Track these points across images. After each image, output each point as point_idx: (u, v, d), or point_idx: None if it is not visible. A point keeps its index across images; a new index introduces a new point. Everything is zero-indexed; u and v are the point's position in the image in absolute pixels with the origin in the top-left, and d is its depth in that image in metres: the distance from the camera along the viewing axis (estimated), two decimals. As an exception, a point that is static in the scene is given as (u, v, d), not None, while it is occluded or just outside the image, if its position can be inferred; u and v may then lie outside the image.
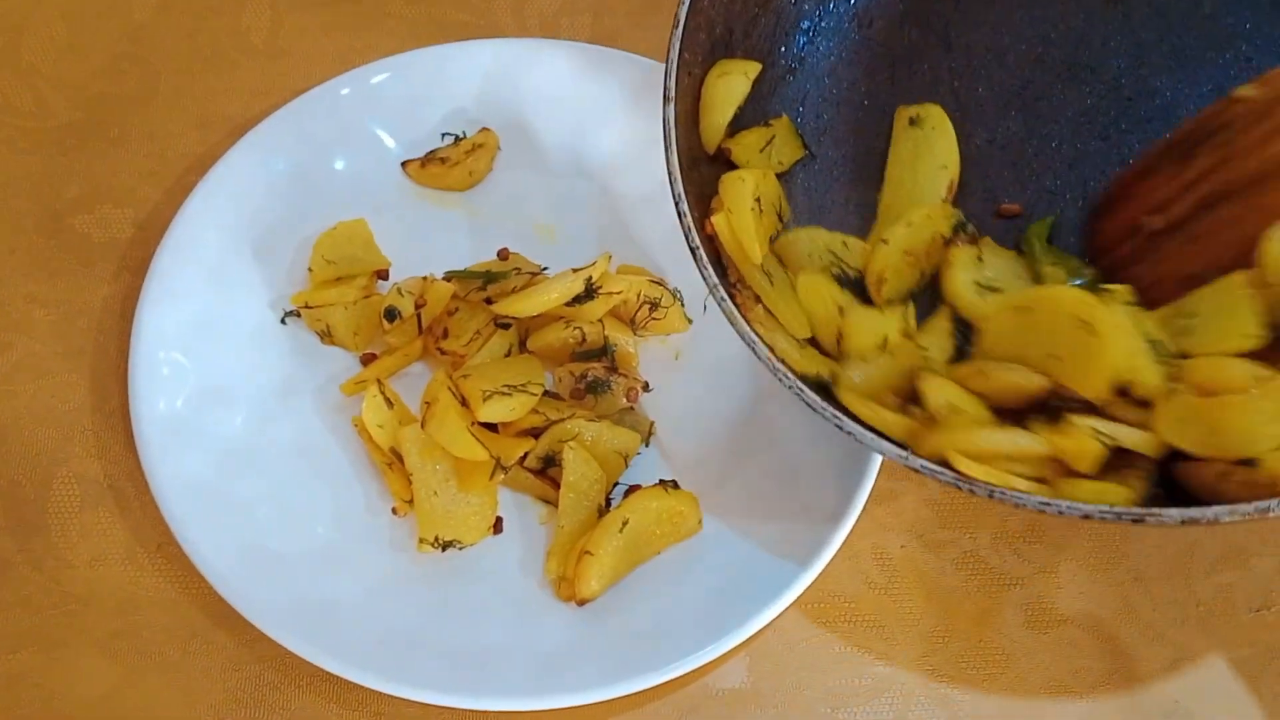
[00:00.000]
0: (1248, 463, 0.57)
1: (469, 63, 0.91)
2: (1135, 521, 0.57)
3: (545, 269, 0.85)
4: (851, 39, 0.80)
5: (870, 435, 0.63)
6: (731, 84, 0.74)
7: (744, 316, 0.66)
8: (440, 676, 0.71)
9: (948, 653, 0.77)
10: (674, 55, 0.70)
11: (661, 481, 0.78)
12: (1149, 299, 0.64)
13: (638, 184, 0.88)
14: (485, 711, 0.72)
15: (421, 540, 0.76)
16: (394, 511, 0.78)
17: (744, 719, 0.75)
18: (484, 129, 0.90)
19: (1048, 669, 0.77)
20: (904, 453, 0.62)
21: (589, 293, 0.79)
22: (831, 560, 0.74)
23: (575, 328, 0.81)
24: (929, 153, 0.76)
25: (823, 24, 0.79)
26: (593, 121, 0.90)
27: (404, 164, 0.90)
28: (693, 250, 0.68)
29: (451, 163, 0.89)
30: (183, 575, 0.78)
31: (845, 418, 0.63)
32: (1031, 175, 0.76)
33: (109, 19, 0.98)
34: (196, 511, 0.75)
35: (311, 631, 0.72)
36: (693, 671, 0.72)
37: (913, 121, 0.77)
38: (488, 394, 0.75)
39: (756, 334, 0.65)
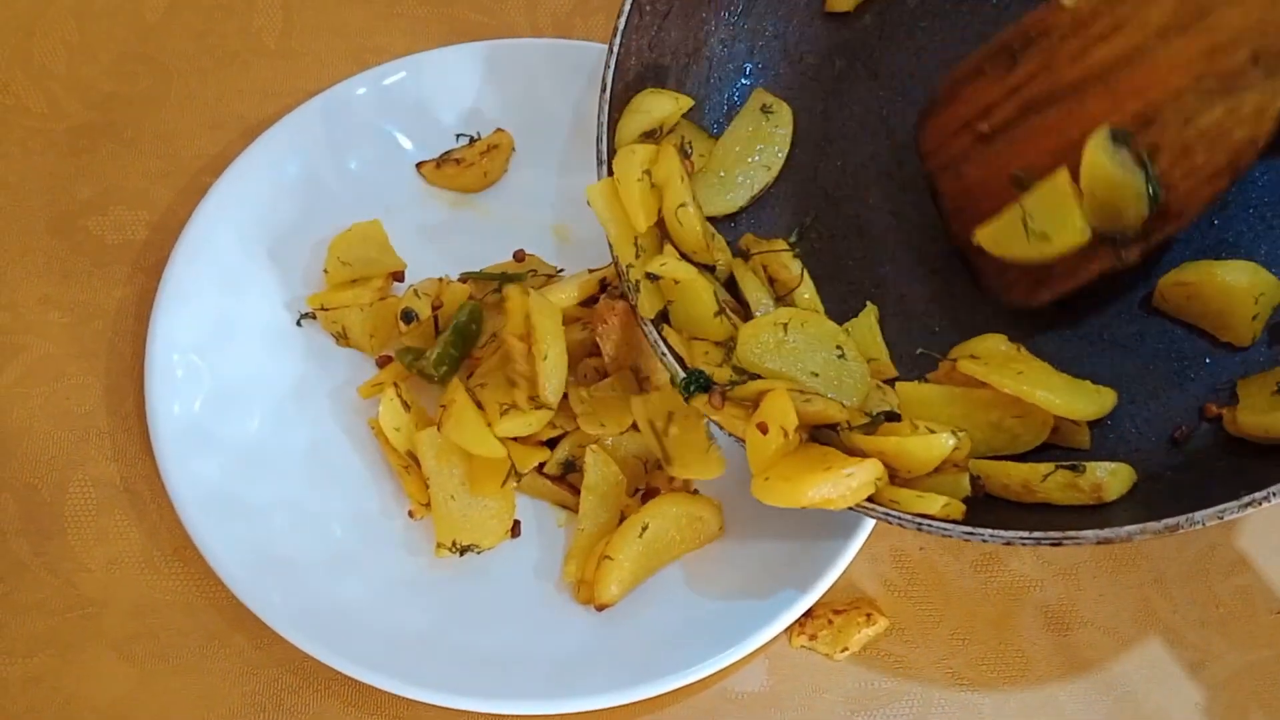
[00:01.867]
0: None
1: (483, 63, 0.90)
2: (1055, 544, 0.60)
3: (561, 270, 0.85)
4: (784, 75, 0.80)
5: None
6: (658, 100, 0.74)
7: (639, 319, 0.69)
8: (457, 679, 0.71)
9: (968, 655, 0.77)
10: (604, 118, 0.72)
11: (684, 484, 0.77)
12: (976, 196, 0.68)
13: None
14: (502, 715, 0.72)
15: (439, 545, 0.76)
16: (410, 515, 0.78)
17: (763, 722, 0.75)
18: (498, 129, 0.90)
19: (1068, 671, 0.76)
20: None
21: (605, 293, 0.79)
22: (851, 563, 0.73)
23: (591, 328, 0.80)
24: (762, 142, 0.78)
25: (757, 64, 0.80)
26: (607, 122, 0.90)
27: (419, 165, 0.89)
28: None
29: (466, 163, 0.88)
30: (199, 578, 0.77)
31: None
32: None
33: (120, 20, 0.98)
34: (213, 515, 0.75)
35: (328, 635, 0.71)
36: (711, 675, 0.72)
37: (765, 109, 0.79)
38: (505, 408, 0.74)
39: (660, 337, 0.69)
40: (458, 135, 0.90)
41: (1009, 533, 0.61)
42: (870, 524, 0.74)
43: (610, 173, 0.71)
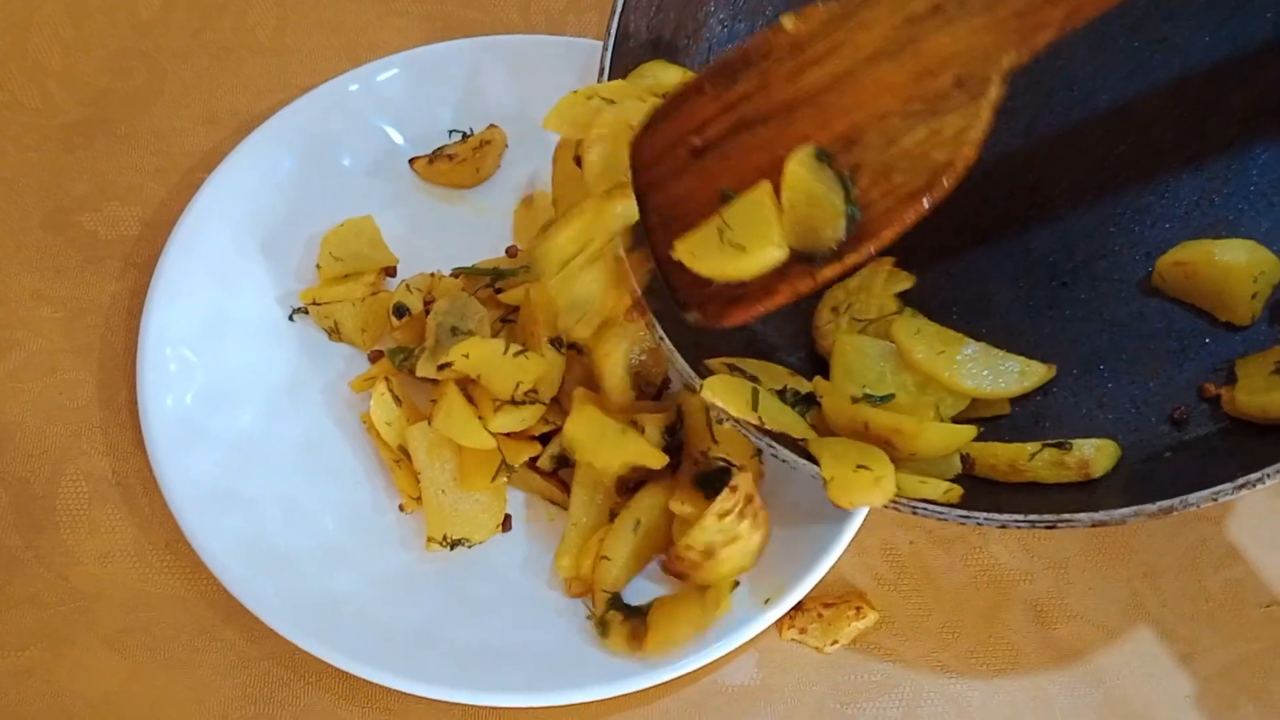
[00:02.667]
0: None
1: (476, 60, 0.91)
2: (1049, 527, 0.59)
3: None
4: None
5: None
6: (666, 71, 0.74)
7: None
8: (448, 672, 0.71)
9: (957, 648, 0.77)
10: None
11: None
12: (681, 210, 0.66)
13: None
14: (493, 707, 0.72)
15: (430, 539, 0.76)
16: (402, 509, 0.78)
17: (752, 715, 0.75)
18: (491, 125, 0.90)
19: (1057, 664, 0.77)
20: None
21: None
22: (840, 556, 0.74)
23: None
24: None
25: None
26: (600, 118, 0.90)
27: (411, 161, 0.89)
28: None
29: (459, 159, 0.89)
30: (191, 572, 0.78)
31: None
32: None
33: (115, 16, 0.98)
34: (205, 508, 0.75)
35: (320, 628, 0.72)
36: (702, 668, 0.72)
37: None
38: (498, 404, 0.75)
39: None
40: (450, 131, 0.90)
41: (1004, 515, 0.61)
42: (860, 517, 0.74)
43: None
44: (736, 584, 0.74)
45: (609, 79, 0.72)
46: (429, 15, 0.98)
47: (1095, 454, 0.65)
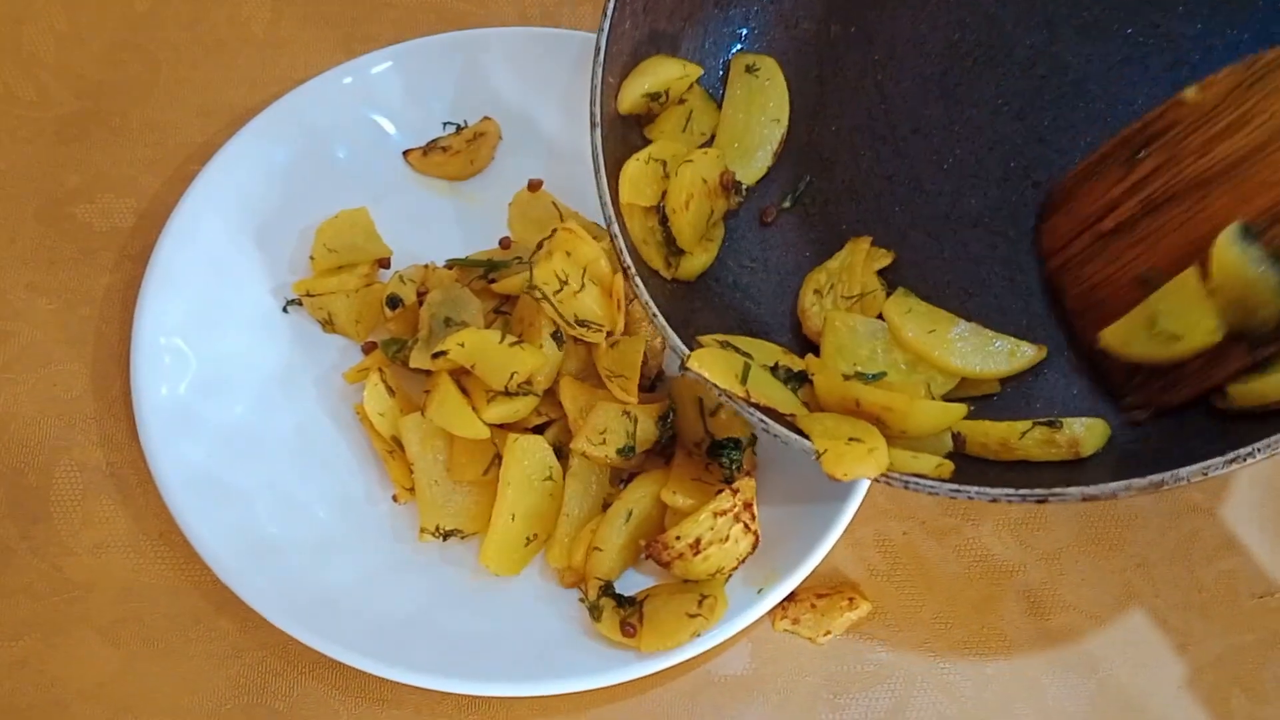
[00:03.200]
0: None
1: (470, 52, 0.90)
2: (1040, 501, 0.59)
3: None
4: (780, 41, 0.80)
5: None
6: (665, 66, 0.75)
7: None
8: (441, 662, 0.71)
9: (950, 639, 0.77)
10: (598, 80, 0.72)
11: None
12: (1099, 297, 0.68)
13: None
14: (486, 697, 0.73)
15: (423, 530, 0.76)
16: (395, 499, 0.78)
17: (746, 705, 0.75)
18: (485, 118, 0.90)
19: (1050, 655, 0.77)
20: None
21: None
22: (834, 547, 0.74)
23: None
24: (761, 99, 0.79)
25: (752, 29, 0.80)
26: (593, 110, 0.90)
27: (405, 153, 0.90)
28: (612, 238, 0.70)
29: (453, 151, 0.89)
30: (185, 562, 0.78)
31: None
32: (954, 161, 0.77)
33: (109, 8, 0.98)
34: (198, 499, 0.75)
35: (313, 618, 0.72)
36: (695, 658, 0.72)
37: (749, 69, 0.79)
38: (491, 395, 0.75)
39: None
40: (444, 123, 0.90)
41: (996, 489, 0.60)
42: (853, 508, 0.74)
43: (603, 135, 0.72)
44: (729, 576, 0.74)
45: (604, 61, 0.72)
46: (423, 7, 0.99)
47: (1085, 432, 0.65)
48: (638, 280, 0.69)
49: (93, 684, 0.75)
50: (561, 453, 0.78)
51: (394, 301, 0.81)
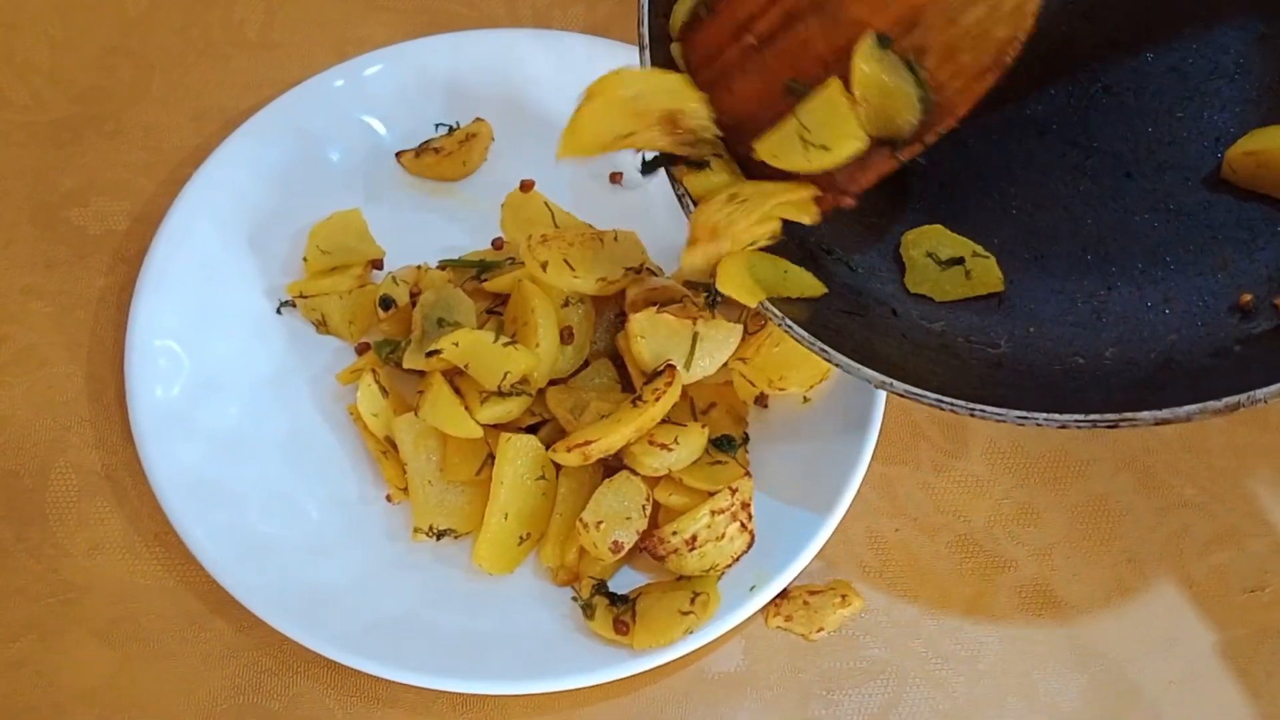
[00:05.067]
0: None
1: (462, 53, 0.91)
2: (1111, 426, 0.58)
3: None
4: None
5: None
6: None
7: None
8: (436, 660, 0.71)
9: (942, 635, 0.77)
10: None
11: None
12: (751, 109, 0.67)
13: (631, 172, 0.89)
14: (480, 695, 0.73)
15: (416, 529, 0.76)
16: (388, 499, 0.79)
17: (739, 702, 0.75)
18: (477, 119, 0.91)
19: (1042, 651, 0.77)
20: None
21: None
22: (826, 544, 0.74)
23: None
24: None
25: None
26: (585, 110, 0.90)
27: (398, 154, 0.90)
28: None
29: (445, 153, 0.89)
30: (180, 563, 0.78)
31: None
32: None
33: (102, 13, 0.98)
34: (193, 500, 0.75)
35: (308, 617, 0.72)
36: (687, 655, 0.72)
37: None
38: (484, 395, 0.75)
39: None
40: (437, 125, 0.91)
41: (1064, 415, 0.59)
42: (846, 504, 0.74)
43: (653, 60, 0.69)
44: (722, 574, 0.74)
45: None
46: (415, 10, 0.99)
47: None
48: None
49: (89, 685, 0.75)
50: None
51: (387, 303, 0.81)
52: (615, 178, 0.89)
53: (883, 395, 0.77)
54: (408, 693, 0.74)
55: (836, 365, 0.64)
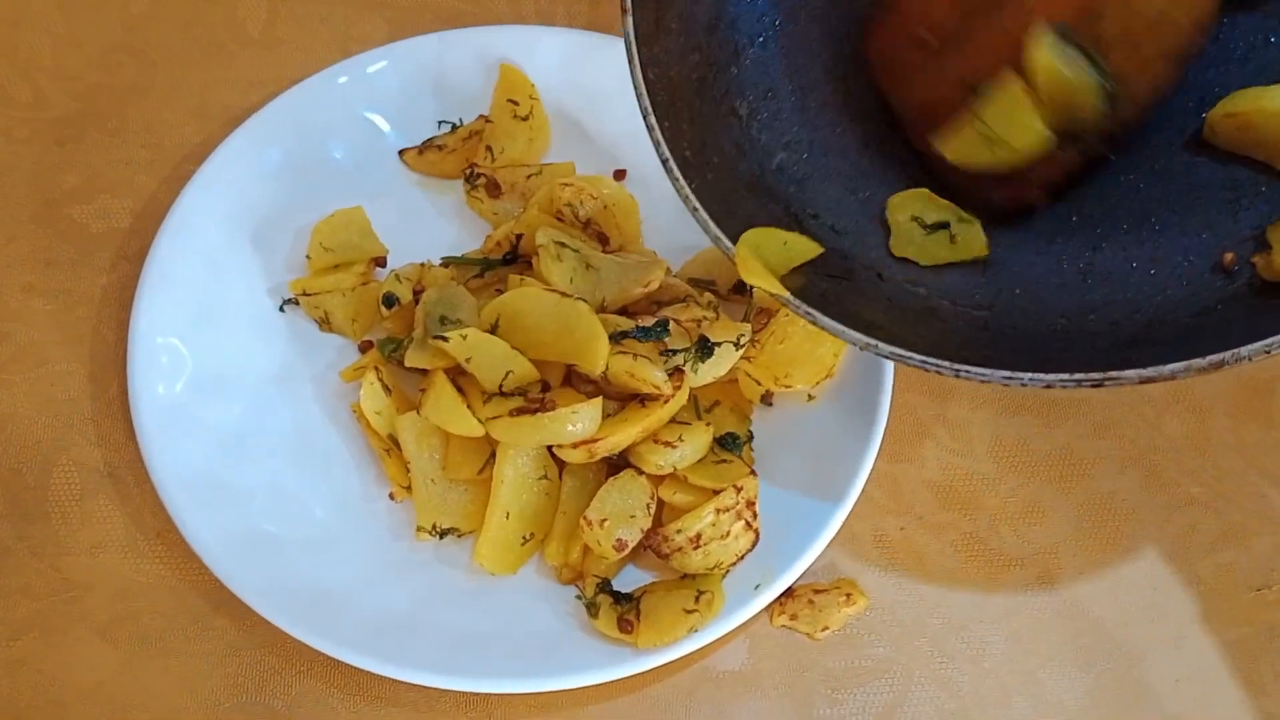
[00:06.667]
0: None
1: (465, 50, 0.91)
2: (1095, 385, 0.58)
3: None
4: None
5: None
6: None
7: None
8: (439, 659, 0.71)
9: (947, 634, 0.77)
10: None
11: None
12: (932, 108, 0.68)
13: (635, 168, 0.88)
14: (484, 694, 0.73)
15: (420, 528, 0.76)
16: (391, 497, 0.79)
17: (743, 701, 0.75)
18: (480, 116, 0.90)
19: (1047, 649, 0.77)
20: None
21: None
22: (830, 543, 0.74)
23: None
24: None
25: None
26: (588, 107, 0.90)
27: (401, 152, 0.90)
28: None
29: (448, 150, 0.89)
30: (183, 561, 0.78)
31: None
32: None
33: (105, 10, 0.98)
34: (195, 498, 0.75)
35: (311, 616, 0.72)
36: (692, 654, 0.72)
37: None
38: (488, 396, 0.75)
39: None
40: (440, 122, 0.90)
41: (1050, 375, 0.59)
42: (850, 504, 0.74)
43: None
44: (727, 572, 0.74)
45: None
46: (418, 6, 0.99)
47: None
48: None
49: (91, 683, 0.75)
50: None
51: (390, 300, 0.81)
52: (620, 174, 0.89)
53: (888, 392, 0.77)
54: (411, 691, 0.74)
55: (823, 329, 0.64)
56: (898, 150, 0.75)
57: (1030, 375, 0.60)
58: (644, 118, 0.69)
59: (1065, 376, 0.59)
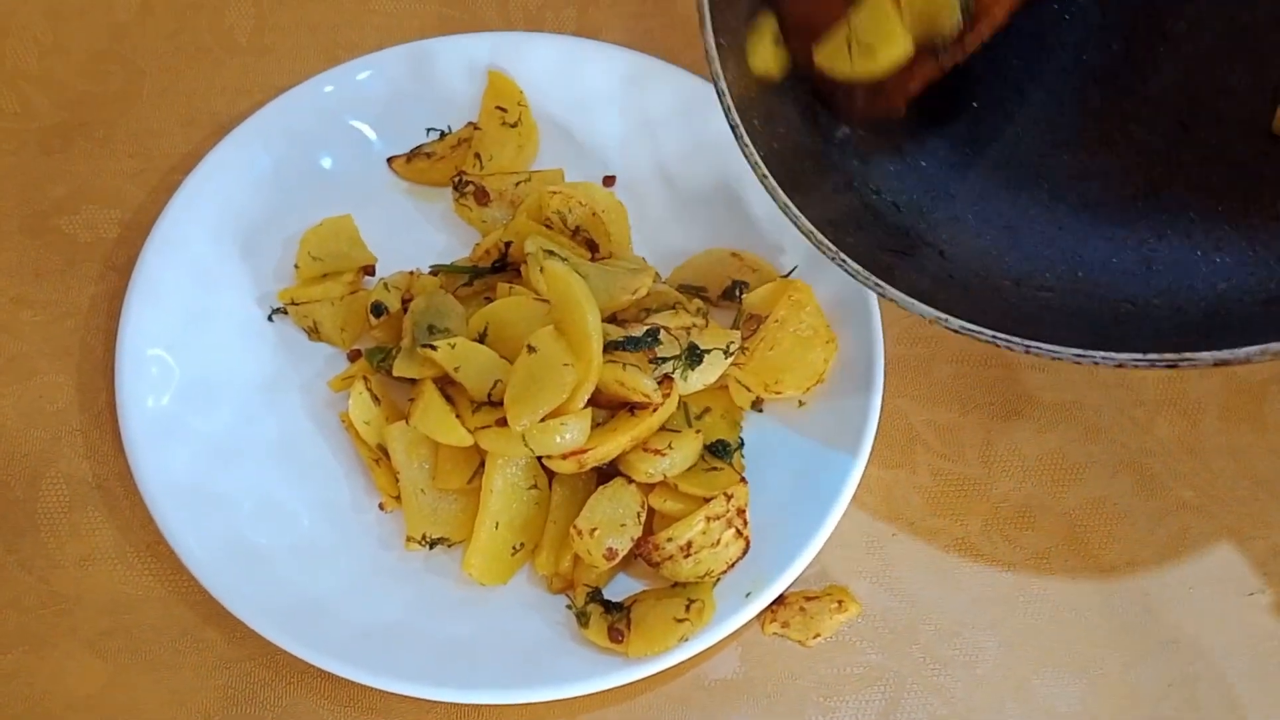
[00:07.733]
0: None
1: (453, 57, 0.90)
2: (1169, 366, 0.57)
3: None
4: None
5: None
6: None
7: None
8: (430, 670, 0.71)
9: (940, 640, 0.77)
10: None
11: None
12: (813, 21, 0.72)
13: (624, 174, 0.88)
14: (475, 704, 0.72)
15: (409, 538, 0.76)
16: (381, 507, 0.78)
17: (736, 709, 0.75)
18: (469, 124, 0.90)
19: (1040, 655, 0.77)
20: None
21: None
22: (822, 549, 0.74)
23: None
24: None
25: None
26: (578, 114, 0.90)
27: (389, 160, 0.89)
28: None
29: (437, 158, 0.88)
30: (172, 574, 0.77)
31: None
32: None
33: (92, 18, 0.98)
34: (184, 509, 0.75)
35: (301, 627, 0.71)
36: (684, 662, 0.72)
37: None
38: (477, 405, 0.74)
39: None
40: (428, 130, 0.90)
41: (1122, 354, 0.58)
42: (842, 510, 0.74)
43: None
44: (718, 580, 0.74)
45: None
46: (406, 13, 0.98)
47: None
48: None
49: (81, 696, 0.75)
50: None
51: (379, 309, 0.81)
52: (609, 181, 0.89)
53: (878, 399, 0.77)
54: (401, 703, 0.74)
55: (891, 299, 0.65)
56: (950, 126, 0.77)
57: (1104, 354, 0.59)
58: (719, 98, 0.70)
59: (1139, 356, 0.58)
